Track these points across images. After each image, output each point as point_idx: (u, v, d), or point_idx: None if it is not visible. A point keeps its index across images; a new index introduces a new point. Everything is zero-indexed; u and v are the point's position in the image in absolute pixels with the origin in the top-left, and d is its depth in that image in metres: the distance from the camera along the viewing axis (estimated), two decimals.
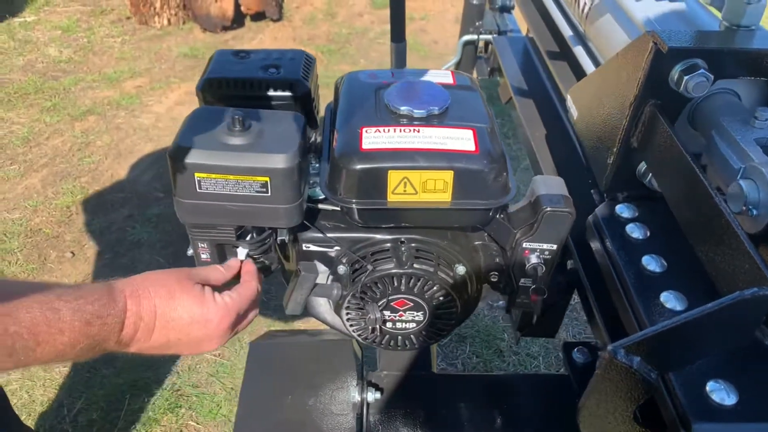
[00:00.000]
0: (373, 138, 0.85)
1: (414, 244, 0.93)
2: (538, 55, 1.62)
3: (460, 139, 0.86)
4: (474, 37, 2.22)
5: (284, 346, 1.25)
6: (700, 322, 0.53)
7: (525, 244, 0.91)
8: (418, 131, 0.86)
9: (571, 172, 1.10)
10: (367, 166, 0.83)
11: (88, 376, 2.03)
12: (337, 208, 0.92)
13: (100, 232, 2.65)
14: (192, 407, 1.96)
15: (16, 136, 3.26)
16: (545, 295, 0.96)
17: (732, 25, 0.81)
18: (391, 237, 0.94)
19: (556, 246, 0.91)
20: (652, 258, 0.78)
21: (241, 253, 0.90)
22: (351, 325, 0.98)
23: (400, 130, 0.86)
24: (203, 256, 0.93)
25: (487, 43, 2.24)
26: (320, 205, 0.94)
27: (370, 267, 0.92)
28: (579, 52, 1.22)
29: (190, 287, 0.79)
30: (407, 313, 0.96)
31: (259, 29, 4.58)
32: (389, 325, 0.97)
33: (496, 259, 0.98)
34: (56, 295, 0.65)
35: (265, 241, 0.92)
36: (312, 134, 1.00)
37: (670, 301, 0.71)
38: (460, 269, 0.94)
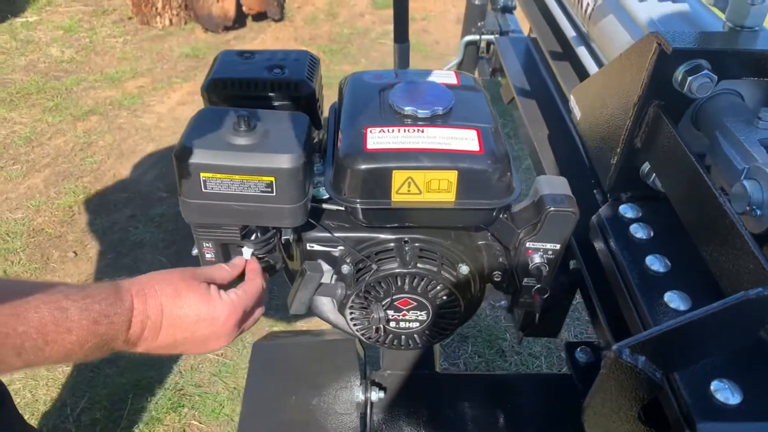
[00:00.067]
0: (378, 138, 0.86)
1: (418, 244, 0.94)
2: (540, 55, 1.62)
3: (464, 140, 0.86)
4: (476, 37, 2.22)
5: (287, 347, 1.25)
6: (705, 322, 0.54)
7: (528, 244, 0.91)
8: (423, 131, 0.87)
9: (573, 172, 1.10)
10: (372, 166, 0.83)
11: (91, 376, 2.03)
12: (342, 208, 0.92)
13: (103, 232, 2.65)
14: (195, 407, 1.96)
15: (19, 136, 3.26)
16: (548, 294, 0.97)
17: (735, 26, 0.82)
18: (395, 237, 0.94)
19: (560, 246, 0.91)
20: (656, 258, 0.78)
21: (246, 253, 0.90)
22: (355, 325, 0.99)
23: (405, 131, 0.87)
24: (208, 256, 0.94)
25: (489, 44, 2.24)
26: (324, 205, 0.94)
27: (374, 266, 0.92)
28: (582, 52, 1.22)
29: (195, 285, 0.79)
30: (411, 312, 0.96)
31: (261, 29, 4.58)
32: (393, 325, 0.97)
33: (500, 259, 0.98)
34: (63, 295, 0.65)
35: (270, 241, 0.93)
36: (316, 134, 1.00)
37: (674, 301, 0.72)
38: (464, 269, 0.94)
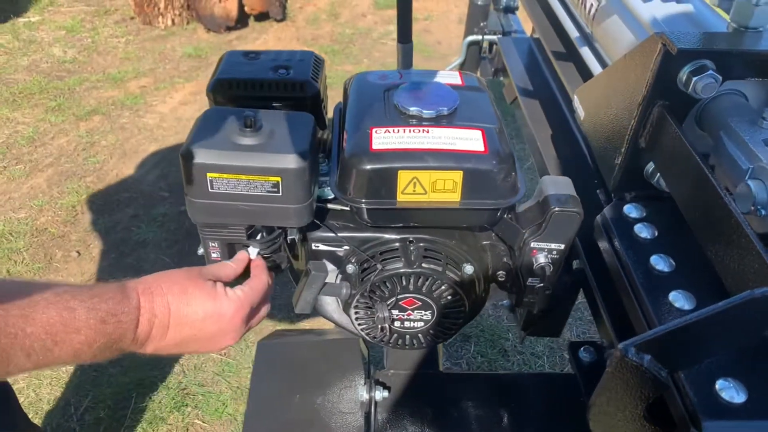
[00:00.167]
0: (383, 138, 0.86)
1: (422, 244, 0.94)
2: (543, 55, 1.62)
3: (469, 140, 0.86)
4: (478, 37, 2.22)
5: (292, 346, 1.25)
6: (710, 321, 0.54)
7: (533, 244, 0.92)
8: (428, 132, 0.87)
9: (576, 172, 1.10)
10: (377, 167, 0.84)
11: (95, 375, 2.04)
12: (347, 208, 0.93)
13: (106, 232, 2.66)
14: (198, 406, 1.97)
15: (22, 136, 3.27)
16: (550, 293, 0.97)
17: (740, 26, 0.82)
18: (400, 236, 0.95)
19: (564, 246, 0.91)
20: (661, 258, 0.78)
21: (252, 252, 0.91)
22: (359, 324, 0.99)
23: (410, 131, 0.87)
24: (213, 255, 0.94)
25: (492, 44, 2.24)
26: (329, 205, 0.95)
27: (379, 266, 0.92)
28: (585, 53, 1.22)
29: (201, 283, 0.79)
30: (415, 312, 0.96)
31: (263, 29, 4.59)
32: (397, 324, 0.98)
33: (504, 259, 0.99)
34: (71, 295, 0.66)
35: (275, 241, 0.93)
36: (321, 134, 1.00)
37: (678, 300, 0.72)
38: (468, 269, 0.95)
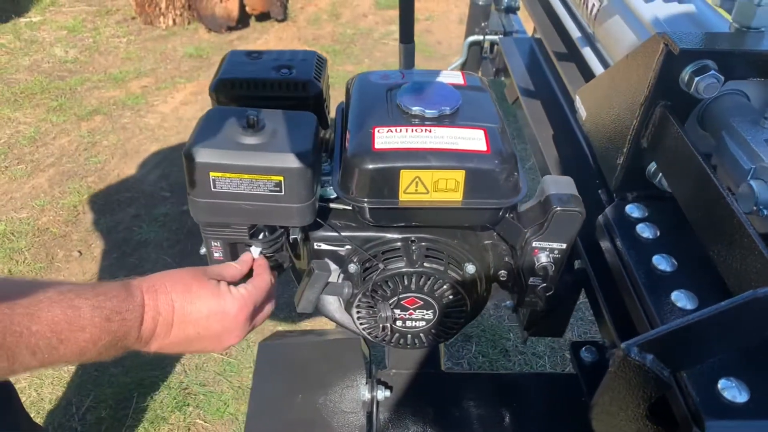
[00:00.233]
0: (386, 138, 0.86)
1: (424, 243, 0.94)
2: (545, 55, 1.62)
3: (472, 139, 0.86)
4: (480, 37, 2.22)
5: (293, 346, 1.25)
6: (713, 321, 0.54)
7: (535, 244, 0.92)
8: (430, 131, 0.87)
9: (577, 172, 1.10)
10: (380, 166, 0.84)
11: (96, 375, 2.04)
12: (349, 207, 0.93)
13: (107, 232, 2.66)
14: (199, 406, 1.97)
15: (23, 136, 3.28)
16: (552, 293, 0.97)
17: (742, 26, 0.82)
18: (402, 236, 0.95)
19: (566, 245, 0.92)
20: (663, 257, 0.78)
21: (255, 251, 0.91)
22: (361, 324, 0.99)
23: (412, 130, 0.87)
24: (216, 255, 0.94)
25: (493, 44, 2.24)
26: (332, 204, 0.95)
27: (381, 266, 0.92)
28: (587, 53, 1.22)
29: (205, 282, 0.80)
30: (417, 311, 0.97)
31: (264, 29, 4.59)
32: (399, 324, 0.98)
33: (506, 258, 0.99)
34: (76, 293, 0.66)
35: (278, 240, 0.93)
36: (323, 134, 1.01)
37: (681, 300, 0.72)
38: (470, 268, 0.95)
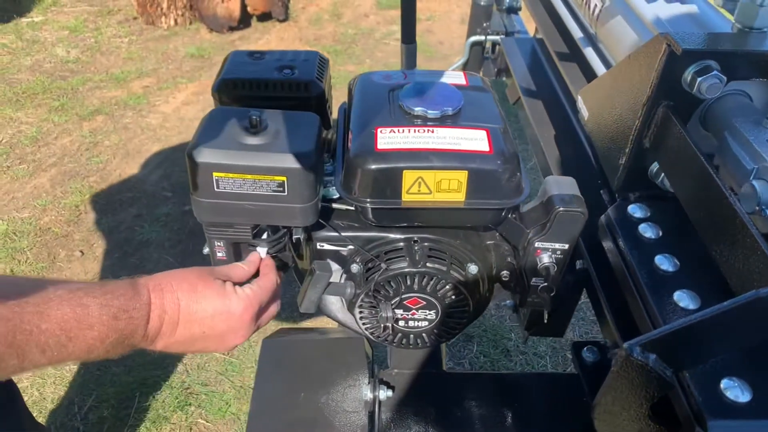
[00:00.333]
0: (388, 138, 0.86)
1: (427, 243, 0.94)
2: (546, 56, 1.62)
3: (474, 140, 0.87)
4: (481, 38, 2.22)
5: (296, 344, 1.25)
6: (716, 321, 0.54)
7: (537, 244, 0.92)
8: (433, 132, 0.87)
9: (579, 173, 1.10)
10: (382, 166, 0.84)
11: (98, 374, 2.04)
12: (351, 208, 0.93)
13: (109, 231, 2.66)
14: (201, 405, 1.97)
15: (25, 136, 3.28)
16: (554, 293, 0.97)
17: (744, 27, 0.82)
18: (404, 236, 0.95)
19: (568, 246, 0.92)
20: (665, 257, 0.78)
21: (262, 252, 0.91)
22: (364, 324, 0.99)
23: (415, 131, 0.87)
24: (219, 255, 0.94)
25: (494, 44, 2.24)
26: (334, 205, 0.95)
27: (383, 266, 0.93)
28: (589, 53, 1.22)
29: (211, 282, 0.80)
30: (420, 311, 0.97)
31: (266, 30, 4.59)
32: (401, 324, 0.98)
33: (508, 259, 0.99)
34: (84, 292, 0.67)
35: (281, 240, 0.94)
36: (326, 134, 1.01)
37: (683, 300, 0.72)
38: (473, 268, 0.95)
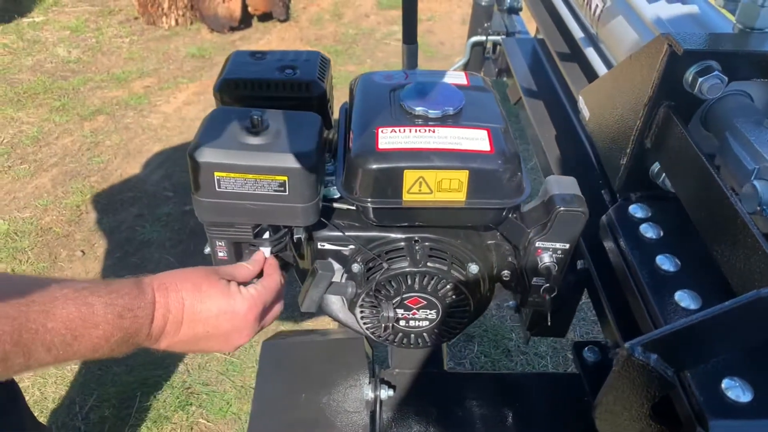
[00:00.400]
0: (389, 138, 0.86)
1: (428, 243, 0.94)
2: (547, 56, 1.62)
3: (475, 140, 0.87)
4: (482, 38, 2.23)
5: (296, 345, 1.25)
6: (717, 321, 0.54)
7: (538, 244, 0.92)
8: (434, 131, 0.87)
9: (580, 172, 1.10)
10: (384, 166, 0.84)
11: (99, 374, 2.04)
12: (352, 207, 0.93)
13: (110, 231, 2.67)
14: (202, 405, 1.97)
15: (26, 136, 3.28)
16: (555, 293, 0.97)
17: (746, 27, 0.82)
18: (405, 236, 0.95)
19: (569, 245, 0.92)
20: (666, 257, 0.78)
21: (266, 251, 0.92)
22: (365, 323, 0.99)
23: (416, 131, 0.87)
24: (220, 254, 0.94)
25: (495, 45, 2.25)
26: (335, 204, 0.95)
27: (384, 265, 0.93)
28: (590, 53, 1.22)
29: (216, 281, 0.80)
30: (420, 311, 0.97)
31: (267, 30, 4.60)
32: (402, 323, 0.98)
33: (509, 258, 0.99)
34: (89, 291, 0.67)
35: (282, 240, 0.94)
36: (327, 134, 1.01)
37: (684, 300, 0.72)
38: (473, 268, 0.95)
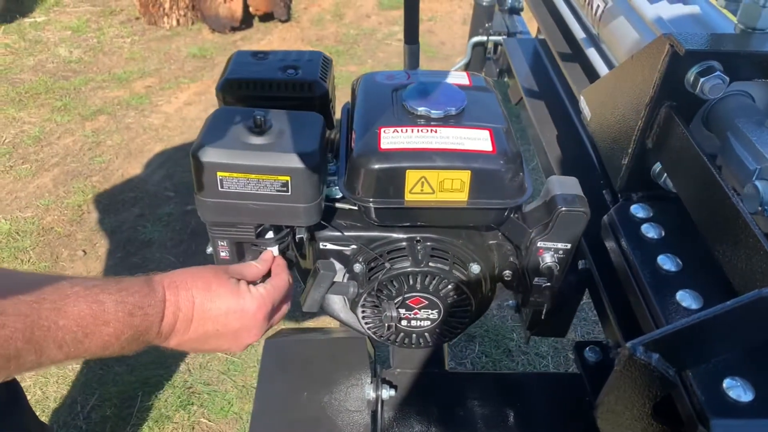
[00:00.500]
0: (392, 138, 0.87)
1: (430, 243, 0.95)
2: (549, 56, 1.63)
3: (477, 140, 0.87)
4: (483, 38, 2.23)
5: (298, 344, 1.25)
6: (719, 320, 0.54)
7: (539, 244, 0.92)
8: (436, 131, 0.88)
9: (582, 173, 1.10)
10: (386, 166, 0.84)
11: (101, 374, 2.05)
12: (354, 207, 0.93)
13: (112, 231, 2.67)
14: (204, 405, 1.98)
15: (28, 136, 3.29)
16: (556, 293, 0.97)
17: (747, 27, 0.82)
18: (407, 236, 0.95)
19: (571, 245, 0.92)
20: (668, 257, 0.78)
21: (274, 250, 0.92)
22: (366, 323, 0.99)
23: (418, 131, 0.88)
24: (222, 254, 0.95)
25: (496, 45, 2.25)
26: (337, 204, 0.95)
27: (386, 265, 0.93)
28: (592, 53, 1.22)
29: (225, 280, 0.81)
30: (422, 311, 0.97)
31: (268, 30, 4.60)
32: (404, 323, 0.98)
33: (510, 259, 0.99)
34: (100, 288, 0.67)
35: (284, 239, 0.94)
36: (329, 134, 1.01)
37: (686, 299, 0.72)
38: (475, 268, 0.95)
